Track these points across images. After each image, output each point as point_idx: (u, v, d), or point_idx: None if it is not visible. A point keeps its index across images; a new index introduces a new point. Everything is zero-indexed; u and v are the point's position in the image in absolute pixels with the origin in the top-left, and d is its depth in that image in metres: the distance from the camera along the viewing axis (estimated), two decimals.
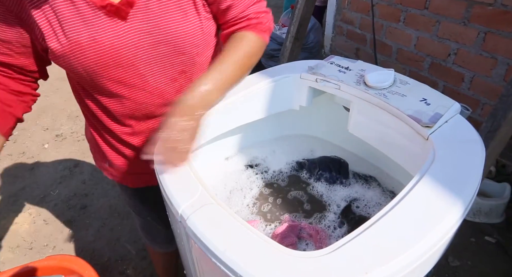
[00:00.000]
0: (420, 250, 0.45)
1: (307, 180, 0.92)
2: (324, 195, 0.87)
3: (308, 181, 0.91)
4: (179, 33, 0.65)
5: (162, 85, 0.72)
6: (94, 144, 0.88)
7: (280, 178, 0.93)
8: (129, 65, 0.66)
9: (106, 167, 0.90)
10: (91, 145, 0.93)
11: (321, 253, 0.46)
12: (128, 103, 0.73)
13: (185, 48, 0.68)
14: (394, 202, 0.51)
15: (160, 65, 0.69)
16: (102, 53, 0.62)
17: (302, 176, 0.93)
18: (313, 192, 0.88)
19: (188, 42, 0.67)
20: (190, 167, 0.63)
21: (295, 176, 0.94)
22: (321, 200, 0.86)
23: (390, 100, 0.70)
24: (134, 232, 1.73)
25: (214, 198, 0.56)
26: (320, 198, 0.86)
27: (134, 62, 0.66)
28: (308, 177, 0.92)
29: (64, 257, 1.16)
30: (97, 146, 0.86)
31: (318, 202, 0.85)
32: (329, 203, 0.84)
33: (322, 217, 0.81)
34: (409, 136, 0.67)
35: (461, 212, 0.49)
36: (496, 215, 1.62)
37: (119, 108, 0.74)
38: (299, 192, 0.88)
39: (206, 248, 0.49)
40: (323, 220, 0.80)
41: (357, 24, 2.43)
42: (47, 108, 2.79)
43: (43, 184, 2.06)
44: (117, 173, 0.89)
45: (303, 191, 0.89)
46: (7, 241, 1.71)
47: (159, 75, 0.70)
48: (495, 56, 1.62)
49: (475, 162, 0.57)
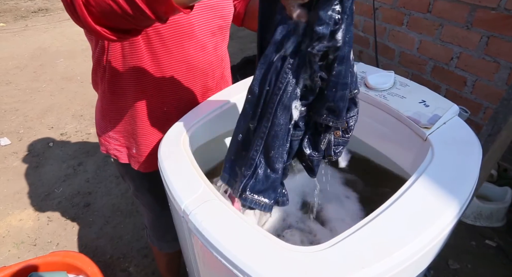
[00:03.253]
0: (415, 247, 0.46)
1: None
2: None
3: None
4: (227, 10, 0.83)
5: (204, 38, 0.81)
6: (129, 130, 0.88)
7: None
8: (189, 31, 0.77)
9: (133, 154, 0.90)
10: (118, 136, 0.91)
11: (320, 248, 0.47)
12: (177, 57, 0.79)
13: (227, 16, 0.85)
14: (391, 200, 0.53)
15: (205, 22, 0.80)
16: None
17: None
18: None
19: (230, 12, 0.85)
20: (193, 164, 0.65)
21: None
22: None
23: (390, 102, 0.72)
24: (137, 230, 1.75)
25: (217, 194, 0.58)
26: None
27: (192, 26, 0.77)
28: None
29: (68, 254, 1.18)
30: (131, 129, 0.87)
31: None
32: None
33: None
34: (408, 137, 0.68)
35: (456, 211, 0.51)
36: (497, 219, 1.62)
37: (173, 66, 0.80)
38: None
39: (208, 243, 0.51)
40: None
41: (360, 27, 2.45)
42: (52, 108, 2.83)
43: (47, 182, 2.08)
44: (141, 157, 0.90)
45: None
46: (12, 237, 1.74)
47: (204, 27, 0.81)
48: (498, 60, 1.62)
49: (472, 163, 0.58)
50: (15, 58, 3.71)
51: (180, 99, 0.86)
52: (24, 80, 3.23)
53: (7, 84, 3.19)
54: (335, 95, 0.52)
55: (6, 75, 3.36)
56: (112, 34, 0.54)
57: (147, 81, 0.81)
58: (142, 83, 0.81)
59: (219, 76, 0.93)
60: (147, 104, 0.84)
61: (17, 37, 4.31)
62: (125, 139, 0.90)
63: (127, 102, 0.84)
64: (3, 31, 4.50)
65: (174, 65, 0.80)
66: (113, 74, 0.81)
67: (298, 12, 0.46)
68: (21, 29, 4.57)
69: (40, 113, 2.75)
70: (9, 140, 2.44)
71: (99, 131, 0.95)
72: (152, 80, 0.81)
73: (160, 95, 0.83)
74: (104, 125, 0.92)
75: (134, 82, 0.81)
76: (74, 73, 3.36)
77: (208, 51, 0.84)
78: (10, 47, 4.00)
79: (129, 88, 0.82)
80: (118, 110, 0.87)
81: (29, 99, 2.94)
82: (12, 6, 5.52)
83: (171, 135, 0.73)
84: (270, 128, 0.52)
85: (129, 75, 0.80)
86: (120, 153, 0.92)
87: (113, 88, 0.83)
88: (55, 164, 2.22)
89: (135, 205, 1.87)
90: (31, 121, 2.67)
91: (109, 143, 0.93)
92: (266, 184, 0.56)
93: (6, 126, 2.61)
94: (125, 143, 0.91)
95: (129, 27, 0.54)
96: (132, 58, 0.77)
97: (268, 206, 0.58)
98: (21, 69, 3.48)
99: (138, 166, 0.92)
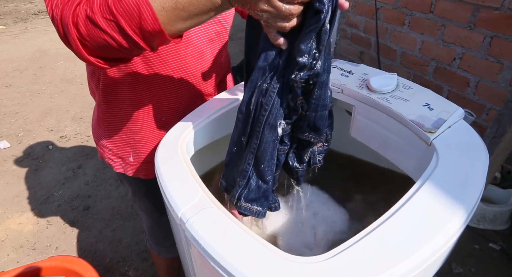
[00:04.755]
0: (420, 257, 0.44)
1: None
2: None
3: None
4: (225, 14, 0.80)
5: (202, 45, 0.79)
6: (124, 139, 0.86)
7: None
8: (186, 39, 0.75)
9: (129, 162, 0.89)
10: (116, 144, 0.89)
11: (320, 259, 0.45)
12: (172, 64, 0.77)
13: (225, 21, 0.83)
14: (395, 208, 0.51)
15: (202, 29, 0.78)
16: None
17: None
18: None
19: (228, 16, 0.83)
20: (190, 170, 0.63)
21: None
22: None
23: (393, 105, 0.70)
24: (136, 234, 1.73)
25: (214, 202, 0.56)
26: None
27: (188, 34, 0.75)
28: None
29: (66, 258, 1.17)
30: (126, 138, 0.86)
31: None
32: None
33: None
34: (412, 142, 0.66)
35: (463, 219, 0.49)
36: (500, 222, 1.60)
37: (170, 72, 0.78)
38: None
39: (205, 252, 0.49)
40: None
41: (361, 28, 2.43)
42: (52, 110, 2.82)
43: (46, 185, 2.07)
44: (140, 164, 0.88)
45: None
46: (11, 241, 1.72)
47: (201, 34, 0.79)
48: (501, 61, 1.60)
49: (478, 168, 0.56)
50: (15, 61, 3.71)
51: (179, 108, 0.84)
52: (24, 83, 3.23)
53: (7, 87, 3.18)
54: (316, 116, 0.59)
55: (6, 77, 3.35)
56: (105, 63, 0.57)
57: (143, 91, 0.79)
58: (138, 93, 0.79)
59: (219, 82, 0.91)
60: (144, 114, 0.82)
61: (17, 39, 4.31)
62: (118, 148, 0.89)
63: (123, 111, 0.82)
64: (3, 33, 4.50)
65: (170, 74, 0.78)
66: (107, 84, 0.79)
67: (279, 40, 0.51)
68: (21, 31, 4.57)
69: (40, 116, 2.74)
70: (9, 143, 2.43)
71: (95, 138, 0.94)
72: (147, 90, 0.79)
73: (157, 105, 0.81)
74: (99, 134, 0.91)
75: (129, 92, 0.79)
76: (73, 75, 3.35)
77: (206, 59, 0.82)
78: (10, 49, 4.00)
79: (125, 98, 0.80)
80: (113, 120, 0.85)
81: (28, 102, 2.93)
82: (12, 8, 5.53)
83: (168, 141, 0.72)
84: (259, 145, 0.58)
85: (124, 85, 0.78)
86: (114, 162, 0.91)
87: (108, 97, 0.82)
88: (54, 167, 2.20)
89: (135, 208, 1.86)
90: (31, 124, 2.66)
91: (104, 151, 0.92)
92: (258, 194, 0.62)
93: (5, 129, 2.60)
94: (117, 153, 0.89)
95: (121, 56, 0.58)
96: (126, 68, 0.75)
97: (261, 213, 0.64)
98: (21, 71, 3.47)
99: (137, 173, 0.90)
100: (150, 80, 0.77)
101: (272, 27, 0.50)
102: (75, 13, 0.51)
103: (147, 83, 0.78)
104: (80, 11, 0.51)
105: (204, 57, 0.81)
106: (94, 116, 0.92)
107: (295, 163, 0.67)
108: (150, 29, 0.50)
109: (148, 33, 0.50)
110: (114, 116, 0.84)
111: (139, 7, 0.49)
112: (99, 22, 0.50)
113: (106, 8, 0.49)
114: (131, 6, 0.49)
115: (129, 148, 0.87)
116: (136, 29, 0.50)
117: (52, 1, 0.54)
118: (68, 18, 0.51)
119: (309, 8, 0.48)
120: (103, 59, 0.56)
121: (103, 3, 0.50)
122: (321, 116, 0.59)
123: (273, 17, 0.48)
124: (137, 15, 0.49)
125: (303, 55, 0.50)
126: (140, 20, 0.49)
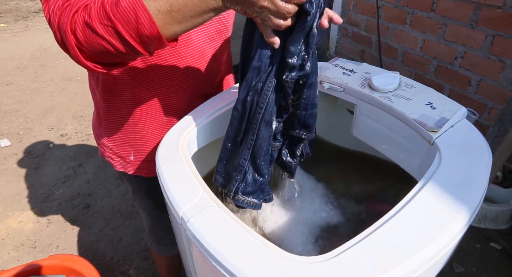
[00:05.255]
0: (423, 258, 0.44)
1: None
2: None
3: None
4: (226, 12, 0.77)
5: (203, 44, 0.78)
6: (124, 139, 0.86)
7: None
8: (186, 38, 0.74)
9: (129, 161, 0.89)
10: (116, 143, 0.89)
11: (321, 259, 0.45)
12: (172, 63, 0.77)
13: (227, 18, 0.82)
14: (397, 208, 0.51)
15: (202, 28, 0.77)
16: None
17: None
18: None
19: (229, 14, 0.82)
20: (191, 169, 0.63)
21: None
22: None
23: (395, 104, 0.69)
24: (137, 232, 1.73)
25: (215, 201, 0.56)
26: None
27: (188, 33, 0.73)
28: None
29: (66, 257, 1.17)
30: (127, 138, 0.85)
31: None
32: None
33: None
34: (414, 141, 0.66)
35: (466, 220, 0.48)
36: (502, 221, 1.59)
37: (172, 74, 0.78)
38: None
39: (206, 251, 0.49)
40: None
41: (362, 26, 2.42)
42: (52, 108, 2.81)
43: (47, 183, 2.07)
44: (141, 163, 0.88)
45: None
46: (11, 240, 1.72)
47: (201, 33, 0.78)
48: (503, 59, 1.59)
49: (481, 168, 0.56)
50: (15, 59, 3.70)
51: (179, 108, 0.83)
52: (24, 81, 3.22)
53: (8, 85, 3.18)
54: (306, 114, 0.64)
55: (7, 76, 3.35)
56: (102, 68, 0.58)
57: (143, 91, 0.78)
58: (138, 92, 0.79)
59: (220, 81, 0.90)
60: (145, 113, 0.82)
61: (17, 37, 4.31)
62: (118, 147, 0.88)
63: (123, 111, 0.82)
64: (4, 31, 4.50)
65: (171, 73, 0.77)
66: (106, 84, 0.79)
67: (273, 38, 0.54)
68: (21, 29, 4.57)
69: (40, 114, 2.74)
70: (9, 141, 2.43)
71: (95, 137, 0.94)
72: (148, 90, 0.78)
73: (157, 104, 0.81)
74: (100, 133, 0.90)
75: (129, 92, 0.79)
76: (74, 73, 3.35)
77: (207, 58, 0.81)
78: (10, 47, 4.00)
79: (125, 97, 0.80)
80: (114, 119, 0.85)
81: (29, 100, 2.93)
82: (12, 6, 5.52)
83: (169, 140, 0.71)
84: (256, 140, 0.61)
85: (124, 84, 0.78)
86: (114, 161, 0.91)
87: (107, 97, 0.81)
88: (55, 165, 2.20)
89: (135, 206, 1.85)
90: (31, 122, 2.66)
91: (104, 150, 0.91)
92: (255, 187, 0.65)
93: (6, 127, 2.60)
94: (118, 152, 0.89)
95: (118, 61, 0.59)
96: (125, 69, 0.75)
97: (257, 205, 0.67)
98: (22, 69, 3.47)
99: (138, 172, 0.90)
100: (150, 80, 0.77)
101: (268, 26, 0.52)
102: (73, 20, 0.51)
103: (147, 83, 0.77)
104: (78, 18, 0.51)
105: (205, 56, 0.80)
106: (95, 115, 0.92)
107: (288, 158, 0.72)
108: (147, 33, 0.51)
109: (145, 37, 0.51)
110: (114, 116, 0.84)
111: (136, 12, 0.49)
112: (96, 28, 0.50)
113: (104, 14, 0.50)
114: (128, 11, 0.49)
115: (129, 147, 0.87)
116: (133, 34, 0.51)
117: (49, 5, 0.54)
118: (66, 25, 0.51)
119: (299, 11, 0.51)
120: (101, 64, 0.57)
121: (101, 9, 0.50)
122: (311, 114, 0.64)
123: (270, 14, 0.50)
124: (134, 20, 0.50)
125: (293, 57, 0.54)
126: (137, 25, 0.50)
